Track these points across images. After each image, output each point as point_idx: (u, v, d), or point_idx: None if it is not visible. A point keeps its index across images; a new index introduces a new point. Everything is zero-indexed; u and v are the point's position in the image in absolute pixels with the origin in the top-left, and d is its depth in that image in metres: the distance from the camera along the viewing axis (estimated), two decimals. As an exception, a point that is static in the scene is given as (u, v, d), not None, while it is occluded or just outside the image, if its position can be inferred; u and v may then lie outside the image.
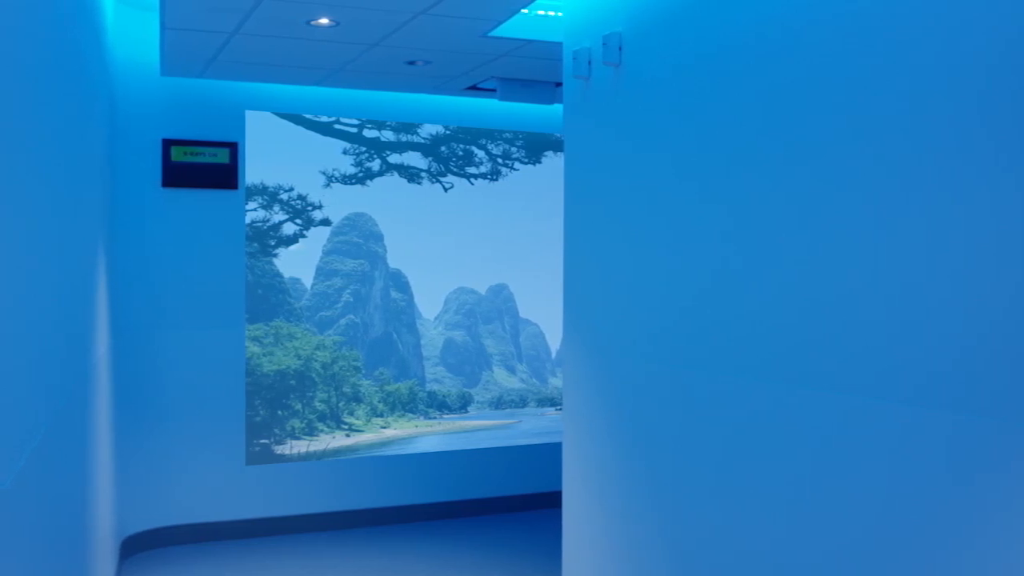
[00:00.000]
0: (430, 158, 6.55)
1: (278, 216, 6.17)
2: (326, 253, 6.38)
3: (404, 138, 6.45)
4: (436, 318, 6.83)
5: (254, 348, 6.04)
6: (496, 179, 6.76)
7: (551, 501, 6.59)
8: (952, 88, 2.13)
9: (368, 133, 6.37)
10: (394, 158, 6.46)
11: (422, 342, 6.75)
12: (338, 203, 6.34)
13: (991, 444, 2.02)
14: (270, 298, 6.17)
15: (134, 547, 5.52)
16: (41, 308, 2.06)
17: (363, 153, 6.38)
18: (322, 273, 6.38)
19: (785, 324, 2.63)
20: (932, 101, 2.18)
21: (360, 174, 6.39)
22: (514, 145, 6.75)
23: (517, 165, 6.79)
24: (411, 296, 6.69)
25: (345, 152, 6.34)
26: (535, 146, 6.81)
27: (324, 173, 6.28)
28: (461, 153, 6.64)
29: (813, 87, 2.53)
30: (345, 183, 6.35)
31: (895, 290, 2.26)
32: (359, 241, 6.47)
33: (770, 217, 2.69)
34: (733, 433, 2.84)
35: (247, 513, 5.91)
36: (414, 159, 6.51)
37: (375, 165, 6.41)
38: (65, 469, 2.55)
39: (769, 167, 2.69)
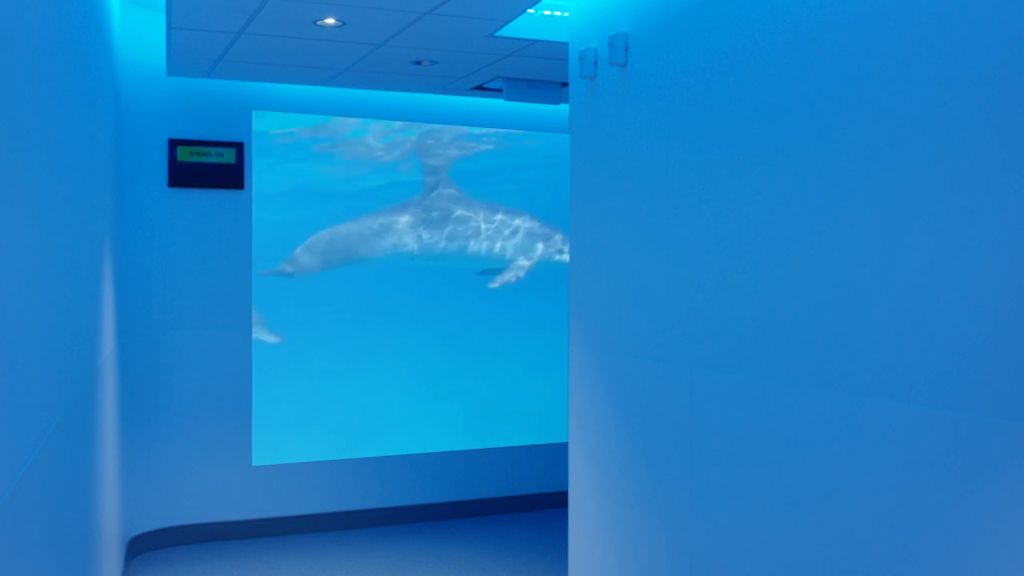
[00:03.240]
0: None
1: (284, 216, 6.18)
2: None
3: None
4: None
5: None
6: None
7: (557, 501, 6.59)
8: (959, 88, 2.12)
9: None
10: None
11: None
12: (344, 203, 6.36)
13: (997, 443, 2.01)
14: (276, 298, 6.18)
15: (140, 547, 5.53)
16: (48, 308, 2.06)
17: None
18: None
19: (791, 324, 2.62)
20: (939, 101, 2.17)
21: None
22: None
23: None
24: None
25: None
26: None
27: (330, 173, 6.30)
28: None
29: (820, 87, 2.52)
30: (351, 183, 6.37)
31: (903, 290, 2.26)
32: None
33: (776, 217, 2.68)
34: (739, 432, 2.84)
35: (254, 513, 5.91)
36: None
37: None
38: (71, 469, 2.55)
39: (775, 167, 2.69)
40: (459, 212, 6.46)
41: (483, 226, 6.52)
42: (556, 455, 6.62)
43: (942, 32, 2.16)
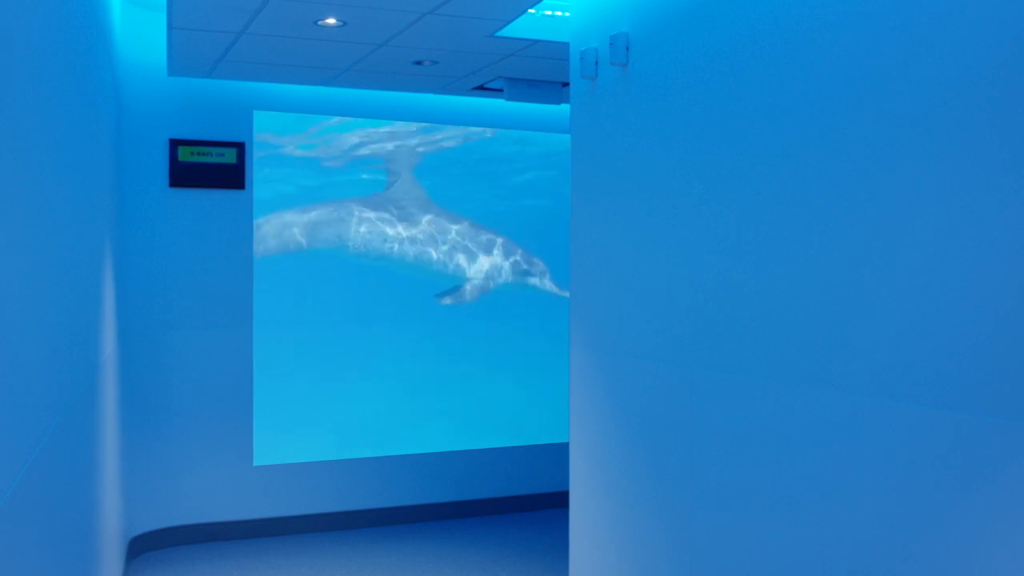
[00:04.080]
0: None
1: (285, 216, 6.18)
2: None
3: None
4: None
5: (261, 348, 6.05)
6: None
7: (557, 501, 6.59)
8: (959, 88, 2.12)
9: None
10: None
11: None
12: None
13: (997, 443, 2.01)
14: (277, 298, 6.18)
15: (141, 547, 5.53)
16: (48, 308, 2.06)
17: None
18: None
19: (792, 323, 2.62)
20: (939, 101, 2.17)
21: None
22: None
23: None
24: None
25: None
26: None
27: (331, 173, 6.30)
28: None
29: (820, 87, 2.52)
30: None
31: (902, 290, 2.26)
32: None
33: (777, 217, 2.68)
34: (739, 432, 2.84)
35: (254, 513, 5.91)
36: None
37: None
38: (72, 469, 2.56)
39: (776, 167, 2.69)
40: (425, 218, 6.41)
41: (434, 233, 6.44)
42: (556, 455, 6.62)
43: (942, 32, 2.16)
